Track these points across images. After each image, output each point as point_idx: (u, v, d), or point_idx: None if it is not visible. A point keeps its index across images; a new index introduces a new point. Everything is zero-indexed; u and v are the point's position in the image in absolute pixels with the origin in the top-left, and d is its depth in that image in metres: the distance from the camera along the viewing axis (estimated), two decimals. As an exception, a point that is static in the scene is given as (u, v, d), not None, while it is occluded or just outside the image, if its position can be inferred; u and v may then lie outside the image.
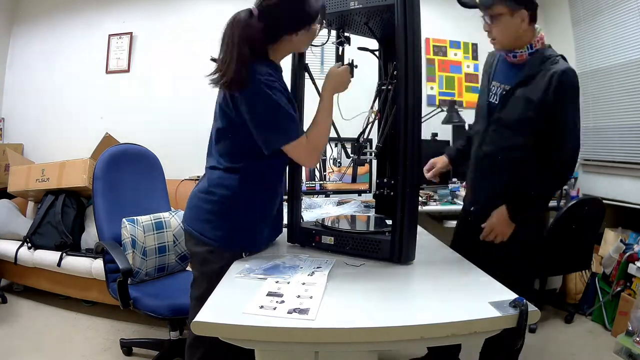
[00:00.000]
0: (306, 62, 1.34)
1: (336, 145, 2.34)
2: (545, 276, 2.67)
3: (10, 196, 2.89)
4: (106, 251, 1.75)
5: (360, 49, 1.47)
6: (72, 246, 2.57)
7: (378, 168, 1.56)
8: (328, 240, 1.30)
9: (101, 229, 1.84)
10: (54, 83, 3.28)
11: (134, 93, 3.22)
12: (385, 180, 1.46)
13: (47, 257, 2.52)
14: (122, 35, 3.21)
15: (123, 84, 3.23)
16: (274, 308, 0.86)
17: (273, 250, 1.35)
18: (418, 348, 1.94)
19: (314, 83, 1.32)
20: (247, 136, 1.16)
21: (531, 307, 0.85)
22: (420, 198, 2.56)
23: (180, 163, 2.71)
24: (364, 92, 1.61)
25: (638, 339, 2.06)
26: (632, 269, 2.37)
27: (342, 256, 1.25)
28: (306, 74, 1.36)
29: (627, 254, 2.43)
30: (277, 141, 1.15)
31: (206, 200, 1.23)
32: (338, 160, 2.38)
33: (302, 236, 1.37)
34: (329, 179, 2.54)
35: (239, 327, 0.81)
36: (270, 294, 0.93)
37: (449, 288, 1.05)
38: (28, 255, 2.57)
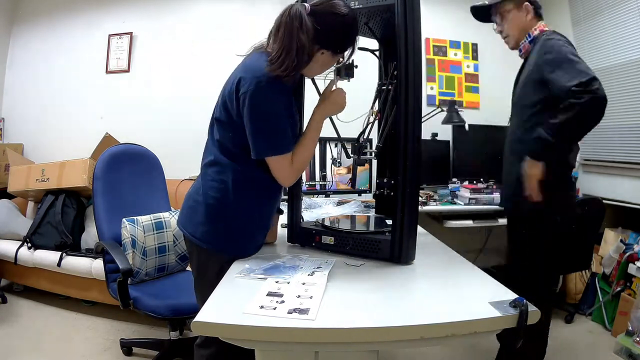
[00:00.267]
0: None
1: (336, 145, 2.34)
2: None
3: (10, 196, 2.89)
4: (106, 251, 1.75)
5: (360, 49, 1.46)
6: (72, 246, 2.57)
7: (378, 168, 1.56)
8: (328, 240, 1.30)
9: (101, 229, 1.84)
10: (54, 83, 3.29)
11: (134, 93, 3.22)
12: (385, 180, 1.46)
13: (47, 257, 2.52)
14: (122, 35, 3.22)
15: (123, 84, 3.23)
16: (274, 308, 0.86)
17: (273, 250, 1.35)
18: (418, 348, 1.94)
19: (315, 84, 1.32)
20: (244, 138, 1.14)
21: (531, 307, 0.85)
22: (420, 198, 2.56)
23: (180, 163, 2.71)
24: (364, 92, 1.61)
25: (638, 339, 2.06)
26: (632, 269, 2.37)
27: (342, 256, 1.25)
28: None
29: (627, 254, 2.43)
30: (265, 150, 1.13)
31: (199, 202, 1.22)
32: (338, 160, 2.37)
33: (302, 236, 1.37)
34: (332, 183, 2.50)
35: (239, 327, 0.81)
36: (270, 294, 0.93)
37: (449, 288, 1.05)
38: (28, 255, 2.57)
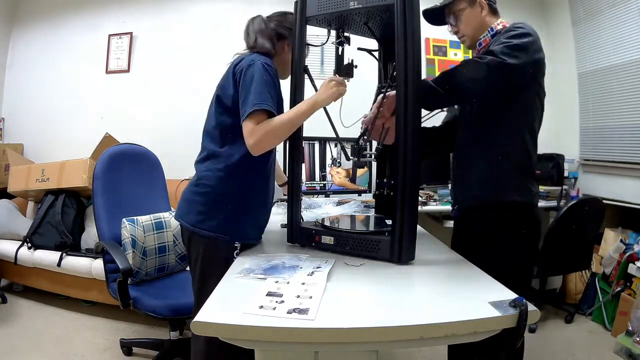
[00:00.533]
0: (305, 64, 1.34)
1: (336, 145, 2.34)
2: (545, 276, 2.67)
3: (10, 196, 2.89)
4: (106, 251, 1.76)
5: (359, 50, 1.46)
6: (72, 246, 2.57)
7: (378, 168, 1.56)
8: (328, 240, 1.30)
9: (101, 229, 1.84)
10: (54, 83, 3.29)
11: (134, 93, 3.22)
12: (385, 180, 1.46)
13: (47, 257, 2.52)
14: (122, 35, 3.22)
15: (123, 84, 3.23)
16: (274, 308, 0.86)
17: (273, 250, 1.35)
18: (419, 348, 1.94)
19: (313, 85, 1.33)
20: (237, 116, 1.21)
21: (531, 307, 0.85)
22: (420, 198, 2.56)
23: (180, 163, 2.69)
24: (365, 93, 1.61)
25: (638, 339, 2.06)
26: (632, 269, 2.37)
27: (342, 256, 1.25)
28: (305, 76, 1.36)
29: (627, 254, 2.43)
30: (251, 103, 1.17)
31: (196, 192, 1.28)
32: (338, 160, 2.38)
33: (302, 236, 1.37)
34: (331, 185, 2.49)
35: (239, 327, 0.81)
36: (270, 294, 0.93)
37: (449, 288, 1.05)
38: (28, 255, 2.57)
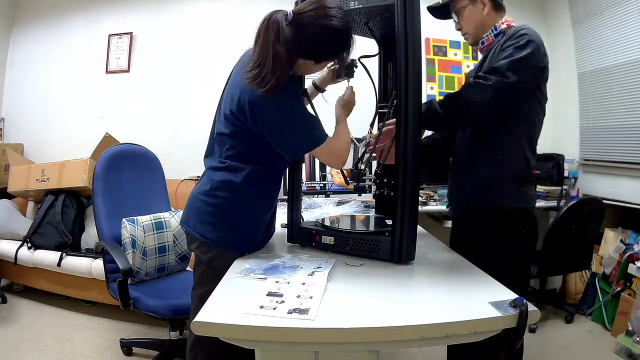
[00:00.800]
0: (305, 88, 1.34)
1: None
2: (545, 276, 2.67)
3: (10, 196, 2.89)
4: (106, 251, 1.75)
5: (362, 57, 1.45)
6: (72, 246, 2.57)
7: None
8: (328, 240, 1.30)
9: (101, 229, 1.84)
10: (54, 83, 3.29)
11: (134, 93, 3.22)
12: (385, 180, 1.45)
13: (47, 257, 2.52)
14: (122, 35, 3.22)
15: (123, 84, 3.23)
16: (274, 308, 0.86)
17: (273, 250, 1.35)
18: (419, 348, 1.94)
19: (312, 106, 1.34)
20: (255, 143, 1.17)
21: (531, 307, 0.85)
22: (420, 198, 2.56)
23: (180, 163, 2.71)
24: (364, 93, 1.60)
25: (638, 339, 2.06)
26: (632, 269, 2.37)
27: (342, 256, 1.25)
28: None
29: (627, 254, 2.43)
30: (307, 146, 1.18)
31: (208, 202, 1.23)
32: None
33: (302, 236, 1.37)
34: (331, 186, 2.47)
35: (239, 327, 0.81)
36: (270, 294, 0.93)
37: (449, 288, 1.05)
38: (28, 255, 2.57)
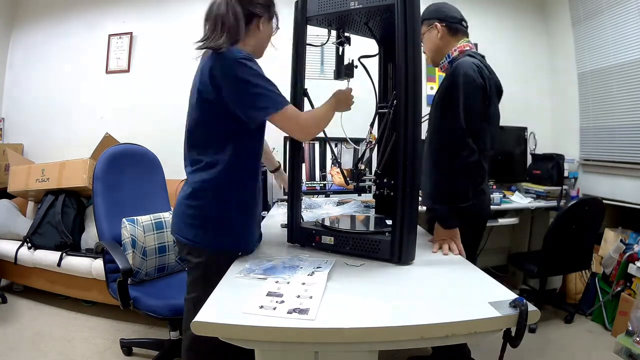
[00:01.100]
0: (305, 88, 1.34)
1: (336, 145, 2.34)
2: (545, 276, 2.67)
3: (10, 196, 2.89)
4: (106, 251, 1.75)
5: (362, 57, 1.46)
6: (72, 246, 2.57)
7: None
8: (328, 240, 1.30)
9: (101, 229, 1.84)
10: (54, 83, 3.28)
11: (134, 93, 3.22)
12: (385, 180, 1.45)
13: (47, 257, 2.52)
14: (122, 35, 3.22)
15: (123, 84, 3.23)
16: (274, 308, 0.86)
17: (273, 250, 1.35)
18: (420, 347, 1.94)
19: (312, 105, 1.34)
20: (224, 119, 1.16)
21: (531, 307, 0.85)
22: (420, 198, 2.55)
23: (180, 163, 2.69)
24: (364, 92, 1.61)
25: (638, 339, 2.06)
26: (632, 269, 2.37)
27: (342, 256, 1.25)
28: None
29: (627, 254, 2.43)
30: (265, 108, 1.13)
31: (190, 205, 1.23)
32: (338, 160, 2.36)
33: (302, 236, 1.37)
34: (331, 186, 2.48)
35: (239, 327, 0.81)
36: (270, 294, 0.93)
37: (449, 288, 1.05)
38: (28, 255, 2.57)
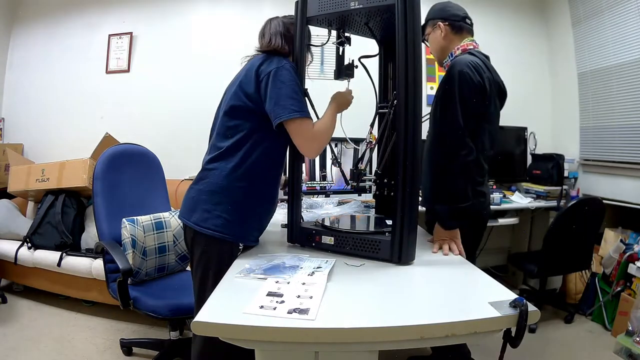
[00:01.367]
0: (306, 88, 1.35)
1: (336, 145, 2.33)
2: (545, 276, 2.67)
3: (10, 196, 2.89)
4: (106, 251, 1.75)
5: (362, 57, 1.46)
6: (72, 246, 2.57)
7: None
8: (328, 240, 1.30)
9: (101, 229, 1.84)
10: (54, 83, 3.29)
11: (134, 93, 3.22)
12: (385, 180, 1.46)
13: (47, 257, 2.52)
14: (122, 35, 3.22)
15: (123, 84, 3.23)
16: (274, 308, 0.86)
17: (273, 250, 1.35)
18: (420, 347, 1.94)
19: (313, 107, 1.35)
20: (254, 116, 1.24)
21: (531, 307, 0.85)
22: (420, 198, 2.55)
23: (180, 163, 2.71)
24: (364, 92, 1.61)
25: (638, 339, 2.06)
26: (632, 269, 2.37)
27: (342, 256, 1.25)
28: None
29: (627, 254, 2.43)
30: (289, 112, 1.19)
31: (202, 190, 1.27)
32: (338, 159, 2.36)
33: (302, 236, 1.37)
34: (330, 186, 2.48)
35: (239, 327, 0.81)
36: (270, 294, 0.93)
37: (449, 288, 1.05)
38: (28, 255, 2.57)
